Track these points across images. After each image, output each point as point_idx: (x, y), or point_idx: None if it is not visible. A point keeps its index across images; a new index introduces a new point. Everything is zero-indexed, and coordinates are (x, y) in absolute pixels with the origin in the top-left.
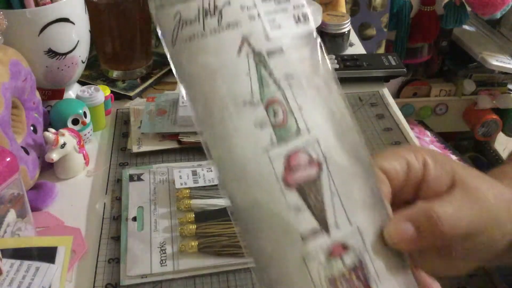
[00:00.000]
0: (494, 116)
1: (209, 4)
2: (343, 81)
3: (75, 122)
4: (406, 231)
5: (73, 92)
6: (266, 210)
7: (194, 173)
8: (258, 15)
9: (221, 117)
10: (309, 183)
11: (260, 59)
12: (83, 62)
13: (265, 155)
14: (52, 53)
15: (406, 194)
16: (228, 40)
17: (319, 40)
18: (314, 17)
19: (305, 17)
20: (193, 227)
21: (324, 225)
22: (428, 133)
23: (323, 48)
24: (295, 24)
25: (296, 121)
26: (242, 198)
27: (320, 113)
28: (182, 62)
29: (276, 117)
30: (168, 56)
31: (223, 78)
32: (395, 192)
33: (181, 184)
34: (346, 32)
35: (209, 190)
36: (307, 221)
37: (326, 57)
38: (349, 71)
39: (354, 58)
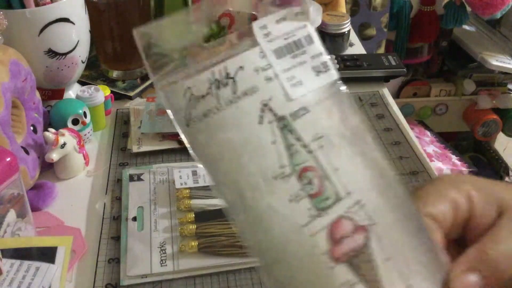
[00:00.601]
0: (494, 116)
1: (220, 74)
2: (343, 81)
3: (75, 122)
4: (472, 282)
5: (73, 92)
6: None
7: (194, 173)
8: (276, 75)
9: (253, 198)
10: (359, 252)
11: (284, 124)
12: (83, 62)
13: (304, 231)
14: (52, 53)
15: (454, 234)
16: (247, 110)
17: (344, 87)
18: (314, 17)
19: (326, 66)
20: (193, 227)
21: None
22: (428, 133)
23: (349, 95)
24: (316, 76)
25: (334, 186)
26: (289, 283)
27: (358, 170)
28: (200, 142)
29: (312, 186)
30: (183, 138)
31: (248, 154)
32: (445, 236)
33: (181, 184)
34: (346, 32)
35: (209, 190)
36: None
37: (354, 103)
38: (349, 71)
39: (354, 58)
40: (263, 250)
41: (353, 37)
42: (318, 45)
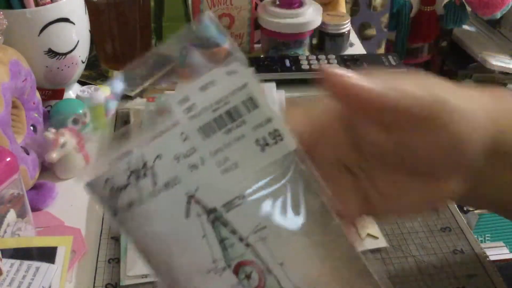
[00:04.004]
0: None
1: (137, 164)
2: None
3: (75, 122)
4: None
5: (73, 92)
6: None
7: None
8: (202, 160)
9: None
10: None
11: (216, 217)
12: (83, 62)
13: None
14: (52, 53)
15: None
16: (169, 203)
17: (303, 160)
18: (314, 17)
19: (276, 136)
20: None
21: None
22: None
23: (309, 173)
24: (260, 152)
25: (277, 281)
26: None
27: (313, 263)
28: (129, 231)
29: (251, 281)
30: (113, 227)
31: (178, 247)
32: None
33: None
34: (346, 32)
35: None
36: None
37: (316, 181)
38: None
39: (354, 58)
40: None
41: (353, 37)
42: (264, 109)
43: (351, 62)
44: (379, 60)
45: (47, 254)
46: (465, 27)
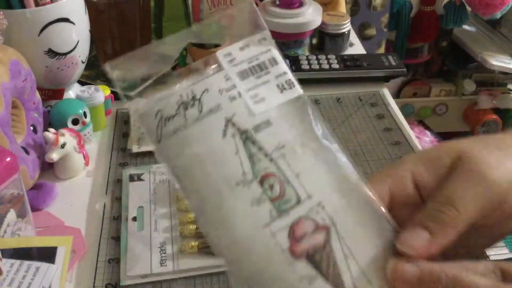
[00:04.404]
0: (494, 116)
1: (187, 97)
2: (343, 81)
3: (75, 122)
4: (421, 239)
5: (73, 92)
6: (278, 286)
7: None
8: (239, 94)
9: (216, 202)
10: (319, 250)
11: (247, 137)
12: (83, 62)
13: (266, 231)
14: (52, 53)
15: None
16: (211, 126)
17: (309, 103)
18: (314, 17)
19: (290, 83)
20: (193, 227)
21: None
22: (428, 133)
23: (314, 109)
24: (279, 93)
25: (295, 190)
26: (254, 279)
27: (320, 175)
28: (170, 156)
29: (273, 191)
30: (155, 153)
31: (213, 164)
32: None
33: None
34: (346, 32)
35: None
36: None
37: (319, 116)
38: (349, 71)
39: (354, 58)
40: (227, 248)
41: (353, 37)
42: (282, 65)
43: (351, 62)
44: (379, 60)
45: (47, 254)
46: (465, 27)
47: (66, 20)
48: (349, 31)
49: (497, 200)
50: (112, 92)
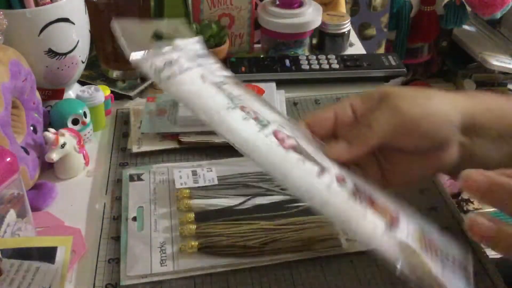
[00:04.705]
0: None
1: (169, 59)
2: (343, 81)
3: (75, 122)
4: (340, 148)
5: (73, 92)
6: (285, 167)
7: (194, 173)
8: (202, 64)
9: (219, 118)
10: (296, 147)
11: (219, 86)
12: (83, 62)
13: (262, 134)
14: (52, 53)
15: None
16: (192, 77)
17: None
18: (314, 17)
19: (224, 68)
20: (193, 227)
21: (321, 167)
22: None
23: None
24: (223, 71)
25: (262, 116)
26: (266, 168)
27: (267, 111)
28: (172, 92)
29: (251, 115)
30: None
31: (206, 97)
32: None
33: (181, 184)
34: (346, 32)
35: (209, 190)
36: (312, 167)
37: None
38: (349, 71)
39: (354, 58)
40: (239, 144)
41: (353, 37)
42: (214, 58)
43: (351, 62)
44: (379, 60)
45: (47, 254)
46: (465, 27)
47: (66, 20)
48: (349, 31)
49: (409, 126)
50: (112, 92)
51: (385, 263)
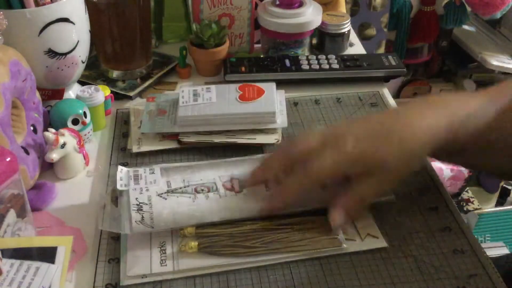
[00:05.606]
0: None
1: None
2: (343, 81)
3: (75, 122)
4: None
5: (73, 92)
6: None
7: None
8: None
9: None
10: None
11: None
12: (83, 62)
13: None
14: (52, 53)
15: None
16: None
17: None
18: (314, 17)
19: None
20: (193, 227)
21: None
22: None
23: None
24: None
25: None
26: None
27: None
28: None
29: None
30: None
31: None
32: None
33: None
34: (346, 32)
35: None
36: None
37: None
38: (349, 71)
39: (354, 58)
40: None
41: (353, 37)
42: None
43: (351, 62)
44: (379, 60)
45: (47, 254)
46: (465, 27)
47: (66, 20)
48: (349, 31)
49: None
50: (112, 92)
51: (385, 263)
